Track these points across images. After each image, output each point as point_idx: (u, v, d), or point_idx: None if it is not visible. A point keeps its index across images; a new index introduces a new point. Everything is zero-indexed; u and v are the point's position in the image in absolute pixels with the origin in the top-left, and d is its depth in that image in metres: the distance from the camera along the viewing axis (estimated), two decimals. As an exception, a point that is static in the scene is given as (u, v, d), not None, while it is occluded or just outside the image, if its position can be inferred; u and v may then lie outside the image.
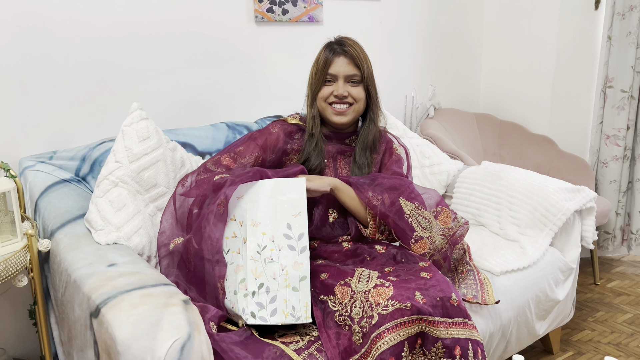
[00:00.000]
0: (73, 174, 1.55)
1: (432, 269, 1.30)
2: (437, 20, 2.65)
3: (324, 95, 1.47)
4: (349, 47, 1.46)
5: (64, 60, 1.63)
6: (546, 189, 1.75)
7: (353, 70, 1.46)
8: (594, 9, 2.49)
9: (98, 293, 1.06)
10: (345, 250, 1.43)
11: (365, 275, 1.26)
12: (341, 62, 1.45)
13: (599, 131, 2.54)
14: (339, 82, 1.46)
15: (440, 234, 1.41)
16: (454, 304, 1.19)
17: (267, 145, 1.49)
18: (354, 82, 1.47)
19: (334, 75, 1.46)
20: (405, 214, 1.39)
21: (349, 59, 1.45)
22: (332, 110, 1.47)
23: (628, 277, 2.54)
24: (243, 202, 1.26)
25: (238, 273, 1.21)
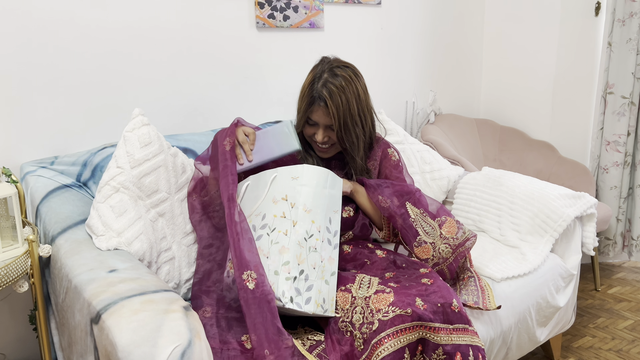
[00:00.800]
0: (74, 179, 1.55)
1: (433, 275, 1.30)
2: (438, 26, 2.66)
3: (307, 134, 1.51)
4: (333, 97, 1.41)
5: (65, 66, 1.64)
6: (547, 195, 1.75)
7: (331, 121, 1.45)
8: (594, 16, 2.50)
9: (99, 299, 1.06)
10: (345, 254, 1.44)
11: (365, 281, 1.26)
12: (321, 113, 1.44)
13: (599, 137, 2.54)
14: (319, 129, 1.47)
15: (444, 242, 1.41)
16: (454, 310, 1.19)
17: None
18: (334, 129, 1.47)
19: (315, 122, 1.47)
20: (410, 217, 1.42)
21: (329, 110, 1.42)
22: (315, 147, 1.52)
23: (629, 283, 2.53)
24: (297, 184, 1.28)
25: (282, 255, 1.21)
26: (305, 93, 1.46)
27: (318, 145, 1.51)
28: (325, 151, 1.52)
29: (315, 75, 1.45)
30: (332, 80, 1.42)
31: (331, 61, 1.48)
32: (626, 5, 2.35)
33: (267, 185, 1.32)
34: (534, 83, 2.70)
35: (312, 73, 1.47)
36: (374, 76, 2.46)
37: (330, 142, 1.49)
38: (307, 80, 1.47)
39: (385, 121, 2.07)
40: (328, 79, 1.43)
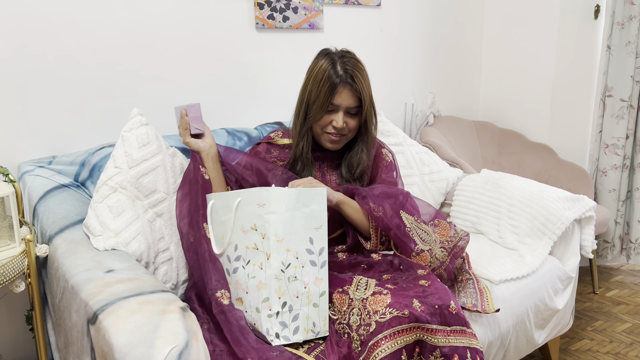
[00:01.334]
0: (72, 179, 1.54)
1: (431, 277, 1.29)
2: (438, 28, 2.66)
3: (322, 124, 1.45)
4: (356, 77, 1.41)
5: (64, 66, 1.63)
6: (545, 197, 1.75)
7: (356, 103, 1.43)
8: (594, 19, 2.51)
9: (95, 299, 1.06)
10: (340, 261, 1.43)
11: (363, 283, 1.26)
12: (346, 95, 1.41)
13: (598, 140, 2.54)
14: (339, 113, 1.43)
15: (440, 246, 1.40)
16: (452, 312, 1.19)
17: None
18: (352, 113, 1.45)
19: (336, 106, 1.43)
20: (406, 227, 1.39)
21: (354, 91, 1.42)
22: (327, 138, 1.47)
23: (627, 286, 2.53)
24: (265, 212, 1.18)
25: (261, 290, 1.17)
26: (323, 78, 1.40)
27: (331, 136, 1.45)
28: (337, 141, 1.47)
29: (328, 62, 1.42)
30: (351, 63, 1.42)
31: (338, 50, 1.48)
32: (625, 8, 2.36)
33: (232, 210, 1.25)
34: (533, 85, 2.70)
35: (323, 60, 1.43)
36: (373, 77, 2.43)
37: (346, 129, 1.45)
38: (320, 69, 1.42)
39: (385, 122, 2.07)
40: (347, 62, 1.42)
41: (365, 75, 1.44)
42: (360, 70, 1.43)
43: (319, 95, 1.42)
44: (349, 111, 1.44)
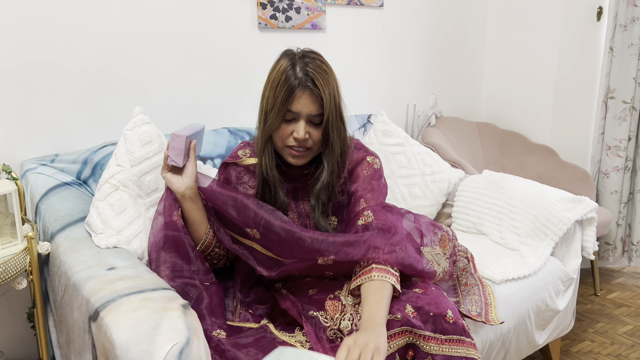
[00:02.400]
0: (74, 177, 1.55)
1: (426, 284, 1.25)
2: (440, 29, 2.66)
3: (282, 135, 1.25)
4: (317, 80, 1.21)
5: (67, 64, 1.64)
6: (547, 198, 1.75)
7: (318, 110, 1.23)
8: (596, 20, 2.51)
9: (97, 296, 1.06)
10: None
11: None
12: (306, 100, 1.21)
13: (600, 142, 2.54)
14: (300, 122, 1.23)
15: (445, 258, 1.40)
16: (449, 321, 1.14)
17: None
18: (316, 123, 1.25)
19: (296, 114, 1.23)
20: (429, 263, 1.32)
21: (315, 96, 1.22)
22: (289, 152, 1.27)
23: (628, 288, 2.53)
24: None
25: None
26: (279, 83, 1.22)
27: (293, 150, 1.26)
28: (300, 155, 1.27)
29: (287, 63, 1.23)
30: (313, 64, 1.23)
31: (300, 50, 1.28)
32: (628, 10, 2.36)
33: None
34: (535, 87, 2.70)
35: (283, 61, 1.25)
36: (375, 78, 2.46)
37: (310, 142, 1.26)
38: (278, 71, 1.24)
39: (386, 123, 2.07)
40: (308, 63, 1.22)
41: (330, 79, 1.24)
42: (323, 73, 1.23)
43: (275, 100, 1.22)
44: (311, 120, 1.24)
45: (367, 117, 2.20)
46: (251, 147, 1.41)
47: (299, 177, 1.36)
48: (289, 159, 1.29)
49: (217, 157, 1.73)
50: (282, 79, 1.22)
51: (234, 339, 1.17)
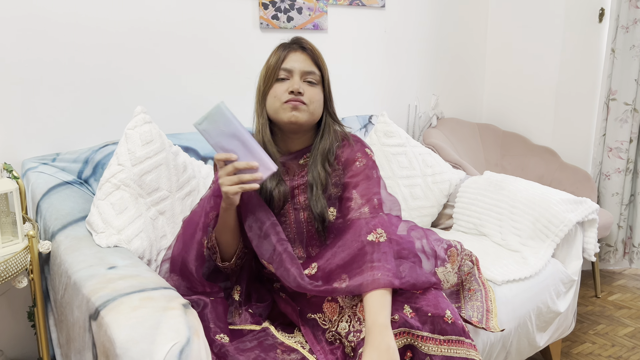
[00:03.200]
0: (75, 176, 1.55)
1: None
2: (442, 29, 2.66)
3: (276, 92, 1.25)
4: (307, 43, 1.29)
5: (68, 63, 1.64)
6: (548, 200, 1.74)
7: (311, 67, 1.27)
8: (598, 22, 2.50)
9: (97, 295, 1.06)
10: None
11: None
12: (297, 57, 1.26)
13: (601, 143, 2.53)
14: (294, 77, 1.25)
15: (454, 273, 1.40)
16: (448, 322, 1.13)
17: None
18: (311, 81, 1.27)
19: (289, 71, 1.25)
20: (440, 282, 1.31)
21: (307, 55, 1.28)
22: (287, 107, 1.23)
23: (629, 290, 2.52)
24: None
25: None
26: (272, 55, 1.28)
27: (290, 102, 1.23)
28: (297, 107, 1.23)
29: (279, 46, 1.30)
30: (303, 38, 1.31)
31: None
32: (630, 12, 2.35)
33: None
34: (537, 88, 2.70)
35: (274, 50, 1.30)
36: (376, 79, 2.46)
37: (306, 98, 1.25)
38: (271, 55, 1.30)
39: (388, 123, 2.07)
40: (297, 37, 1.31)
41: (318, 50, 1.30)
42: (312, 44, 1.30)
43: (268, 68, 1.27)
44: (305, 78, 1.26)
45: (369, 117, 2.20)
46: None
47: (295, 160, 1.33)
48: (287, 114, 1.24)
49: (218, 157, 1.73)
50: (273, 54, 1.28)
51: (236, 344, 1.16)
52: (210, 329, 1.18)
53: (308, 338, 1.20)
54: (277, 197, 1.28)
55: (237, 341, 1.18)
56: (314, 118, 1.29)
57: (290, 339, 1.22)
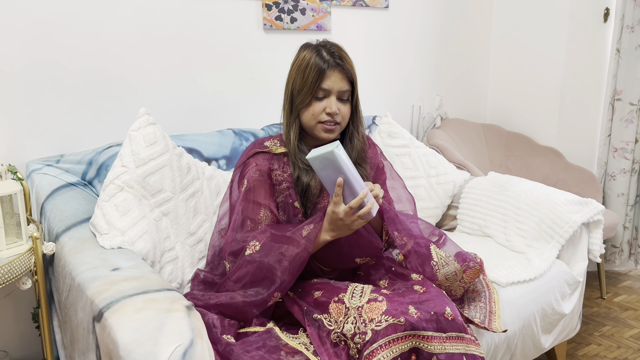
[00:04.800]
0: (79, 177, 1.55)
1: (426, 283, 1.28)
2: (446, 30, 2.66)
3: (315, 112, 1.33)
4: (343, 60, 1.33)
5: (72, 65, 1.65)
6: (553, 200, 1.73)
7: (346, 86, 1.34)
8: (603, 22, 2.49)
9: (101, 297, 1.06)
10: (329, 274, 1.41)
11: (358, 290, 1.23)
12: (336, 77, 1.32)
13: (607, 144, 2.52)
14: (331, 98, 1.33)
15: (461, 285, 1.38)
16: (447, 318, 1.16)
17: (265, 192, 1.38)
18: (344, 99, 1.35)
19: (327, 91, 1.33)
20: (432, 261, 1.34)
21: (344, 74, 1.33)
22: (322, 127, 1.35)
23: (635, 291, 2.51)
24: None
25: None
26: (309, 65, 1.31)
27: (326, 125, 1.34)
28: (332, 130, 1.35)
29: (312, 50, 1.34)
30: (337, 47, 1.35)
31: (318, 40, 1.39)
32: (635, 11, 2.34)
33: None
34: (542, 88, 2.69)
35: (306, 51, 1.35)
36: (380, 79, 2.46)
37: (339, 117, 1.35)
38: (303, 58, 1.34)
39: (391, 124, 2.06)
40: (332, 47, 1.34)
41: (351, 59, 1.36)
42: (346, 54, 1.36)
43: (305, 81, 1.32)
44: (340, 97, 1.34)
45: (372, 118, 2.20)
46: (278, 139, 1.45)
47: None
48: (322, 134, 1.36)
49: (221, 158, 1.73)
50: (310, 62, 1.32)
51: (241, 344, 1.17)
52: (217, 329, 1.19)
53: (313, 339, 1.20)
54: (313, 186, 1.38)
55: (241, 341, 1.18)
56: (342, 129, 1.41)
57: (295, 340, 1.22)
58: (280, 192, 1.39)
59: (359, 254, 1.36)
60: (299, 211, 1.38)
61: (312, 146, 1.43)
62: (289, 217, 1.39)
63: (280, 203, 1.40)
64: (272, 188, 1.40)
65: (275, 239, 1.27)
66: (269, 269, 1.24)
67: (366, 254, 1.37)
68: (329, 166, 1.18)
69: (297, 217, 1.38)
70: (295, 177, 1.38)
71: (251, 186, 1.38)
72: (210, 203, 1.58)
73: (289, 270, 1.23)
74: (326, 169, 1.19)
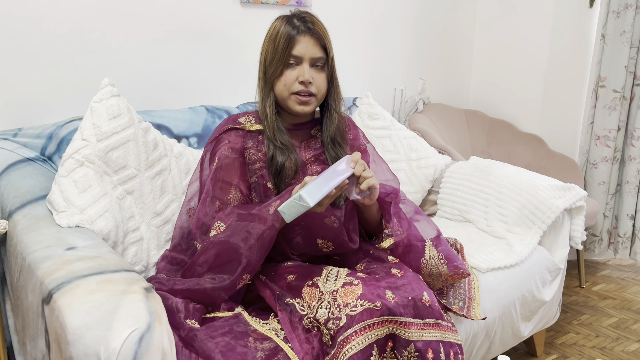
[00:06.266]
0: (38, 152, 1.45)
1: (403, 267, 1.22)
2: (430, 13, 2.59)
3: (287, 81, 1.26)
4: (315, 24, 1.26)
5: (35, 33, 1.53)
6: (535, 185, 1.69)
7: (319, 53, 1.26)
8: (589, 7, 2.45)
9: (52, 277, 0.98)
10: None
11: (333, 273, 1.17)
12: (307, 43, 1.24)
13: (589, 131, 2.49)
14: (303, 65, 1.25)
15: (443, 284, 1.34)
16: (425, 304, 1.11)
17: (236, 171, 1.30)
18: (318, 66, 1.28)
19: (299, 58, 1.25)
20: (424, 258, 1.29)
21: (316, 39, 1.25)
22: (295, 99, 1.27)
23: (613, 280, 2.50)
24: None
25: None
26: (278, 34, 1.25)
27: (299, 96, 1.26)
28: (306, 101, 1.27)
29: (283, 19, 1.27)
30: (310, 16, 1.27)
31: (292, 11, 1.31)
32: (622, -4, 2.30)
33: None
34: (525, 74, 2.64)
35: (278, 21, 1.28)
36: (362, 60, 2.38)
37: (314, 87, 1.27)
38: (274, 27, 1.27)
39: (372, 105, 1.99)
40: (304, 15, 1.27)
41: (324, 26, 1.28)
42: (318, 20, 1.28)
43: (276, 49, 1.25)
44: (314, 64, 1.27)
45: (353, 99, 2.12)
46: (253, 115, 1.37)
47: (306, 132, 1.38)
48: (296, 107, 1.28)
49: (192, 136, 1.64)
50: (281, 30, 1.25)
51: (205, 329, 1.10)
52: (181, 313, 1.11)
53: (284, 325, 1.13)
54: (288, 167, 1.29)
55: (206, 326, 1.11)
56: (319, 103, 1.34)
57: (264, 326, 1.15)
58: (253, 172, 1.31)
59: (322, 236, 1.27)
60: (272, 192, 1.31)
61: (288, 124, 1.36)
62: (261, 198, 1.31)
63: (252, 183, 1.32)
64: (245, 167, 1.32)
65: (241, 218, 1.20)
66: (235, 249, 1.16)
67: (329, 237, 1.27)
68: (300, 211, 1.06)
69: (269, 199, 1.30)
70: (269, 157, 1.30)
71: (222, 164, 1.30)
72: (179, 182, 1.49)
73: (256, 247, 1.16)
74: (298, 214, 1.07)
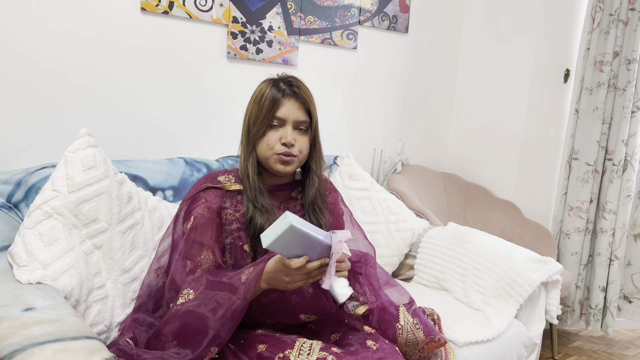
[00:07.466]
0: (4, 199, 1.38)
1: (379, 338, 1.18)
2: (411, 77, 2.65)
3: (270, 141, 1.25)
4: (300, 89, 1.27)
5: (11, 75, 1.50)
6: (513, 257, 1.68)
7: (303, 116, 1.27)
8: (563, 82, 2.54)
9: (5, 343, 0.90)
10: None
11: (306, 347, 1.11)
12: (291, 106, 1.26)
13: (563, 202, 2.53)
14: (287, 127, 1.26)
15: (420, 354, 1.29)
16: None
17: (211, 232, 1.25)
18: (302, 129, 1.28)
19: (282, 120, 1.25)
20: (398, 323, 1.25)
21: (300, 103, 1.27)
22: (277, 159, 1.26)
23: (585, 352, 2.47)
24: None
25: None
26: (264, 95, 1.25)
27: (282, 156, 1.25)
28: (288, 161, 1.26)
29: (269, 81, 1.29)
30: (296, 80, 1.29)
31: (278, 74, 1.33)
32: (594, 75, 2.40)
33: None
34: (502, 142, 2.70)
35: (264, 83, 1.29)
36: (343, 120, 2.40)
37: (296, 149, 1.27)
38: (260, 89, 1.29)
39: (353, 166, 1.99)
40: (290, 78, 1.29)
41: (309, 91, 1.30)
42: (304, 85, 1.29)
43: (260, 110, 1.25)
44: (297, 126, 1.27)
45: (334, 158, 2.12)
46: (233, 174, 1.34)
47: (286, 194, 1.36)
48: (277, 166, 1.27)
49: (168, 189, 1.60)
50: (266, 92, 1.26)
51: None
52: None
53: None
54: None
55: None
56: (301, 164, 1.33)
57: None
58: (230, 233, 1.27)
59: (306, 311, 1.24)
60: (249, 255, 1.26)
61: (269, 185, 1.34)
62: (236, 260, 1.26)
63: (228, 245, 1.27)
64: (220, 228, 1.27)
65: (210, 286, 1.13)
66: (202, 320, 1.10)
67: (312, 311, 1.24)
68: (290, 241, 1.02)
69: (245, 261, 1.25)
70: (248, 218, 1.26)
71: (197, 224, 1.25)
72: (151, 237, 1.43)
73: (225, 319, 1.10)
74: (289, 244, 1.03)
